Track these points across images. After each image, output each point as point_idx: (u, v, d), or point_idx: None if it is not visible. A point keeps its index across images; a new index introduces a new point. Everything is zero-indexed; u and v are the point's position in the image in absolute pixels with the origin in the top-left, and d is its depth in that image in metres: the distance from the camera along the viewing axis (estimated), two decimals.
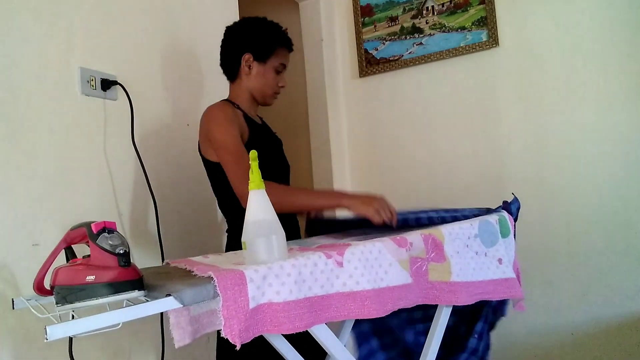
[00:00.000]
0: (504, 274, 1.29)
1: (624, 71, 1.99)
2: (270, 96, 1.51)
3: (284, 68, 1.50)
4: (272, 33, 1.48)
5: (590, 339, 2.05)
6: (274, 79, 1.48)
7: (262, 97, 1.50)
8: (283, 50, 1.48)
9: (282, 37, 1.49)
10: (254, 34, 1.47)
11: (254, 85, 1.48)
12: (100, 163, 1.41)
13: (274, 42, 1.47)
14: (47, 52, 1.29)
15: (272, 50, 1.46)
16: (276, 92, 1.51)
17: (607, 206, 2.02)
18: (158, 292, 0.79)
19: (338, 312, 0.96)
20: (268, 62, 1.47)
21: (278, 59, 1.47)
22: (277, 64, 1.48)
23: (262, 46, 1.46)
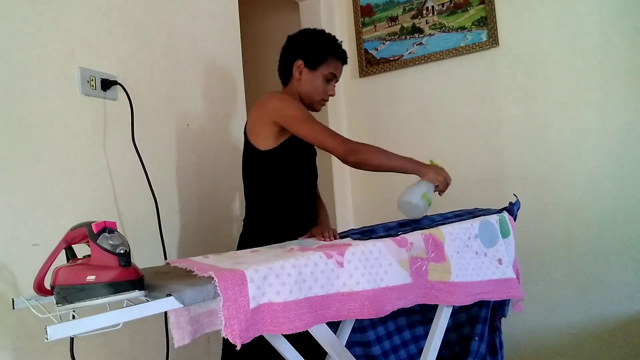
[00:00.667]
0: (504, 274, 1.29)
1: (624, 71, 1.99)
2: (318, 102, 1.56)
3: (334, 77, 1.55)
4: (325, 43, 1.54)
5: (590, 338, 2.05)
6: (323, 86, 1.54)
7: (310, 102, 1.55)
8: (334, 61, 1.54)
9: (334, 48, 1.54)
10: (308, 42, 1.54)
11: (303, 90, 1.54)
12: (100, 163, 1.40)
13: (326, 51, 1.52)
14: (47, 52, 1.29)
15: (323, 59, 1.52)
16: (324, 99, 1.56)
17: (607, 206, 2.02)
18: (158, 292, 0.79)
19: (338, 312, 0.96)
20: (318, 70, 1.52)
21: (328, 68, 1.53)
22: (326, 73, 1.53)
23: (313, 54, 1.52)
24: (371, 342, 1.53)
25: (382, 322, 1.57)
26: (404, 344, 1.59)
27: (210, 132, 1.83)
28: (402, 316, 1.60)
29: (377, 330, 1.55)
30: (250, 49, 2.93)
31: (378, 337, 1.55)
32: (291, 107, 1.42)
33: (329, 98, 1.58)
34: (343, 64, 1.58)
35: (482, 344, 1.49)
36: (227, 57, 1.97)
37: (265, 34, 3.16)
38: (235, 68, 2.00)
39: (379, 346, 1.53)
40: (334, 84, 1.57)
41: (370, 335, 1.53)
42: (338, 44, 1.56)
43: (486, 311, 1.50)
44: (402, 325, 1.60)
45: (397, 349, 1.57)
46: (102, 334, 0.76)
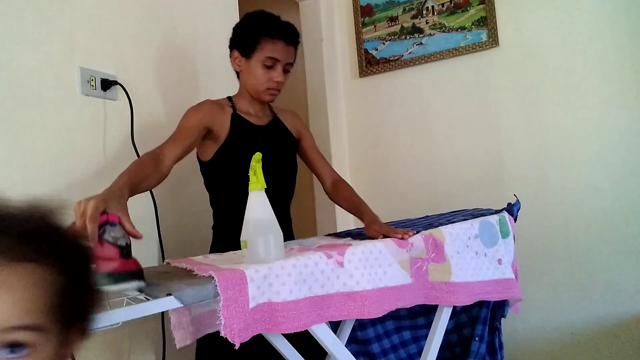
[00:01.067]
0: (504, 275, 1.29)
1: (624, 71, 1.99)
2: (263, 92, 1.40)
3: (275, 61, 1.35)
4: (254, 24, 1.36)
5: (590, 338, 2.05)
6: (265, 74, 1.37)
7: (256, 94, 1.42)
8: (269, 42, 1.34)
9: (266, 27, 1.34)
10: (239, 29, 1.40)
11: (247, 84, 1.42)
12: (100, 163, 1.40)
13: (257, 33, 1.34)
14: (47, 52, 1.29)
15: (256, 43, 1.35)
16: (269, 88, 1.39)
17: (608, 206, 2.02)
18: (159, 291, 0.79)
19: (338, 312, 0.96)
20: (253, 57, 1.36)
21: (264, 52, 1.34)
22: (263, 58, 1.35)
23: (245, 40, 1.37)
24: (370, 339, 1.52)
25: (380, 321, 1.57)
26: (403, 344, 1.59)
27: None
28: (407, 319, 1.60)
29: (376, 328, 1.55)
30: None
31: (377, 335, 1.54)
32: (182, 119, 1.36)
33: (277, 85, 1.39)
34: (289, 43, 1.37)
35: (482, 344, 1.49)
36: (227, 57, 1.96)
37: None
38: None
39: (377, 344, 1.53)
40: (281, 68, 1.37)
41: (369, 333, 1.53)
42: (272, 21, 1.37)
43: (486, 311, 1.50)
44: (403, 326, 1.60)
45: (397, 348, 1.57)
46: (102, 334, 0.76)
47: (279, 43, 1.35)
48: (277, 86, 1.40)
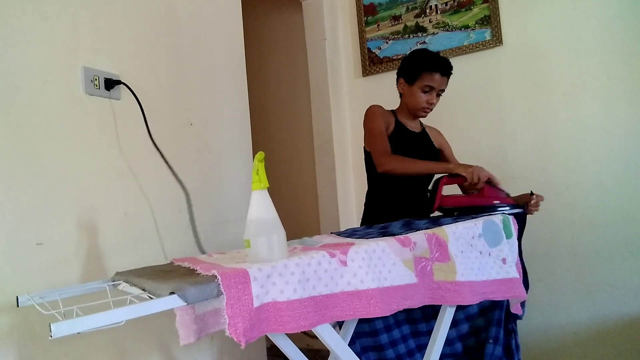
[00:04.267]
0: (508, 274, 1.28)
1: (628, 69, 1.98)
2: (420, 110, 1.80)
3: (430, 89, 1.75)
4: (418, 60, 1.76)
5: (594, 338, 2.04)
6: (422, 97, 1.77)
7: (414, 112, 1.82)
8: (428, 74, 1.73)
9: (427, 63, 1.73)
10: (406, 62, 1.81)
11: (407, 103, 1.82)
12: (103, 162, 1.41)
13: (419, 67, 1.74)
14: (51, 51, 1.29)
15: (418, 75, 1.75)
16: (425, 108, 1.79)
17: (612, 205, 2.01)
18: (162, 290, 0.79)
19: (343, 312, 0.95)
20: (415, 84, 1.77)
21: (423, 81, 1.74)
22: (422, 85, 1.75)
23: (409, 71, 1.78)
24: (384, 345, 1.53)
25: (397, 325, 1.57)
26: (419, 348, 1.59)
27: (213, 131, 1.83)
28: (423, 322, 1.59)
29: (391, 334, 1.55)
30: (254, 48, 2.93)
31: (392, 341, 1.54)
32: (368, 122, 1.79)
33: (430, 106, 1.79)
34: (443, 75, 1.74)
35: (497, 346, 1.48)
36: (230, 56, 1.97)
37: (268, 33, 3.17)
38: (238, 67, 2.00)
39: (392, 350, 1.53)
40: (435, 93, 1.77)
41: (383, 339, 1.53)
42: (432, 58, 1.74)
43: (499, 313, 1.49)
44: (420, 331, 1.60)
45: (413, 353, 1.57)
46: (106, 332, 0.77)
47: (435, 75, 1.74)
48: (431, 107, 1.80)
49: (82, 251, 1.31)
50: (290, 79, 3.06)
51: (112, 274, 1.13)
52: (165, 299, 0.76)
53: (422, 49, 1.96)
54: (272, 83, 3.16)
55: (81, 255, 1.31)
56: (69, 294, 0.98)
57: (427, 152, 1.86)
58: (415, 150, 1.80)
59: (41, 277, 1.20)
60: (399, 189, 1.79)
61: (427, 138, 1.91)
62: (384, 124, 1.78)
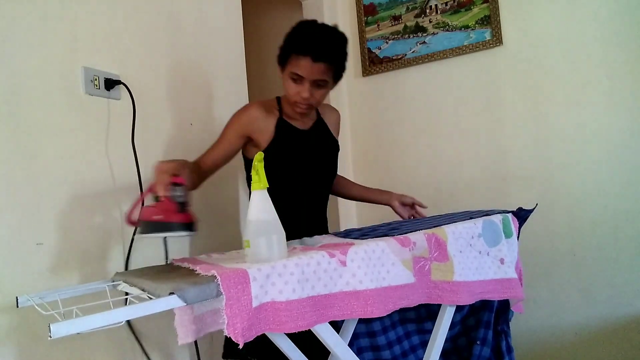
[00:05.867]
0: (506, 274, 1.29)
1: (628, 70, 1.98)
2: (293, 105, 1.42)
3: (298, 77, 1.35)
4: (289, 39, 1.37)
5: (595, 339, 2.04)
6: (292, 87, 1.38)
7: (289, 107, 1.45)
8: (295, 58, 1.33)
9: (295, 43, 1.34)
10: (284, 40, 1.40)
11: (284, 94, 1.45)
12: (103, 162, 1.41)
13: (288, 48, 1.36)
14: (51, 51, 1.29)
15: (287, 57, 1.37)
16: (296, 102, 1.40)
17: (612, 205, 2.01)
18: (161, 290, 0.79)
19: (341, 312, 0.96)
20: (285, 70, 1.39)
21: (290, 67, 1.36)
22: (289, 72, 1.36)
23: (281, 53, 1.40)
24: (381, 346, 1.53)
25: (392, 327, 1.57)
26: (413, 349, 1.59)
27: (213, 131, 1.83)
28: (414, 322, 1.60)
29: (387, 335, 1.55)
30: (253, 48, 2.93)
31: (389, 342, 1.54)
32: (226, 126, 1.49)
33: (304, 101, 1.38)
34: (317, 61, 1.32)
35: (484, 348, 1.48)
36: (230, 57, 1.97)
37: (268, 32, 3.17)
38: (238, 67, 2.00)
39: (389, 351, 1.53)
40: (308, 84, 1.35)
41: (381, 340, 1.53)
42: (305, 37, 1.34)
43: (489, 315, 1.49)
44: (411, 331, 1.60)
45: (407, 354, 1.57)
46: (105, 332, 0.77)
47: (304, 59, 1.32)
48: (306, 102, 1.39)
49: (82, 251, 1.32)
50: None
51: (111, 275, 1.13)
52: (164, 299, 0.76)
53: (303, 22, 1.40)
54: (272, 83, 3.16)
55: (81, 255, 1.31)
56: (69, 295, 0.98)
57: (318, 150, 1.54)
58: (303, 151, 1.50)
59: (41, 278, 1.20)
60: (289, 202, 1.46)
61: (321, 131, 1.58)
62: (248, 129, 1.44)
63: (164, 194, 1.06)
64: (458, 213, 1.62)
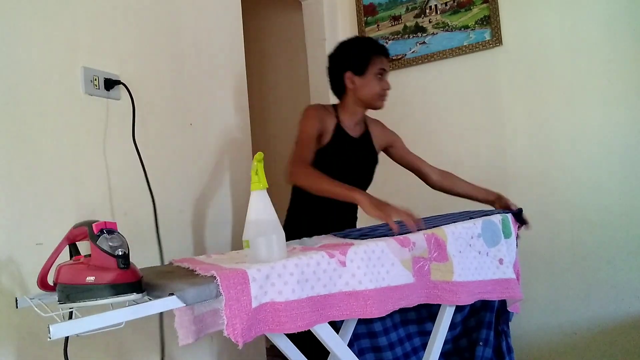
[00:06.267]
0: (504, 275, 1.29)
1: (628, 70, 1.98)
2: (377, 100, 1.66)
3: (383, 72, 1.64)
4: (363, 46, 1.64)
5: (594, 339, 2.04)
6: (378, 84, 1.64)
7: (371, 103, 1.66)
8: (378, 57, 1.63)
9: (372, 47, 1.64)
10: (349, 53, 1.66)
11: (362, 95, 1.65)
12: (103, 162, 1.41)
13: (367, 53, 1.63)
14: (51, 51, 1.29)
15: (368, 61, 1.62)
16: (381, 95, 1.65)
17: (611, 205, 2.01)
18: (161, 291, 0.79)
19: (340, 312, 0.96)
20: (367, 72, 1.63)
21: (375, 66, 1.62)
22: (376, 71, 1.62)
23: (358, 61, 1.63)
24: (382, 348, 1.53)
25: (394, 328, 1.57)
26: (415, 351, 1.59)
27: (213, 131, 1.83)
28: (415, 324, 1.60)
29: (389, 336, 1.55)
30: (253, 48, 2.93)
31: (390, 344, 1.55)
32: (300, 123, 1.60)
33: (386, 92, 1.66)
34: (387, 57, 1.66)
35: (486, 348, 1.48)
36: (230, 57, 1.97)
37: (268, 33, 3.17)
38: (238, 67, 2.00)
39: (390, 352, 1.54)
40: (387, 78, 1.66)
41: (382, 341, 1.53)
42: (374, 42, 1.66)
43: (490, 315, 1.50)
44: (412, 332, 1.60)
45: (409, 356, 1.57)
46: (104, 333, 0.77)
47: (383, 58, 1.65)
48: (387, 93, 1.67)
49: (81, 251, 1.31)
50: (290, 79, 3.06)
51: None
52: (164, 300, 0.76)
53: (352, 37, 1.74)
54: (272, 83, 3.16)
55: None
56: None
57: (365, 159, 1.75)
58: (353, 158, 1.69)
59: None
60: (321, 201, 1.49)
61: (367, 142, 1.76)
62: (319, 128, 1.61)
63: None
64: (457, 213, 1.62)
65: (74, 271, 0.80)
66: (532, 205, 2.15)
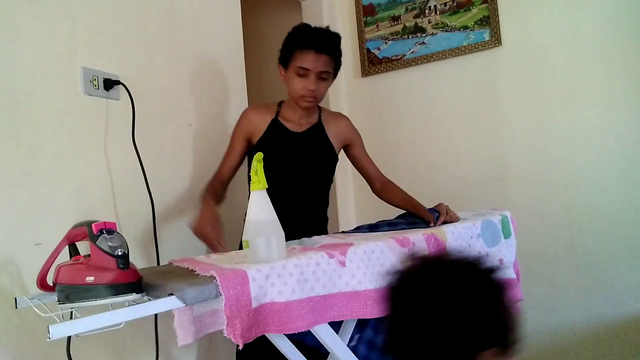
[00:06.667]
0: (504, 275, 1.29)
1: (627, 70, 1.98)
2: (299, 100, 1.49)
3: (305, 71, 1.44)
4: (290, 38, 1.48)
5: (593, 339, 2.04)
6: (298, 82, 1.46)
7: (295, 102, 1.53)
8: (300, 53, 1.44)
9: (298, 39, 1.45)
10: (282, 43, 1.50)
11: (288, 92, 1.53)
12: (103, 163, 1.41)
13: (291, 46, 1.46)
14: (50, 52, 1.29)
15: (290, 55, 1.46)
16: (303, 96, 1.47)
17: (610, 205, 2.01)
18: (160, 291, 0.79)
19: (340, 312, 0.96)
20: (290, 68, 1.48)
21: (296, 63, 1.44)
22: (295, 68, 1.45)
23: (283, 53, 1.49)
24: None
25: None
26: None
27: (212, 131, 1.83)
28: None
29: None
30: (252, 48, 2.93)
31: None
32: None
33: (310, 93, 1.46)
34: (319, 52, 1.43)
35: None
36: (229, 57, 1.97)
37: (267, 33, 3.16)
38: (237, 67, 2.00)
39: None
40: (314, 77, 1.44)
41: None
42: (305, 33, 1.46)
43: None
44: None
45: None
46: (103, 332, 0.77)
47: (309, 53, 1.43)
48: (312, 94, 1.47)
49: (81, 252, 1.31)
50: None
51: None
52: (164, 300, 0.76)
53: (299, 24, 1.54)
54: (271, 83, 3.15)
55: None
56: None
57: (310, 154, 1.58)
58: (290, 153, 1.54)
59: None
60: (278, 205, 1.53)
61: (316, 136, 1.60)
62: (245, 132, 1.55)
63: None
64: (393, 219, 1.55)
65: (74, 271, 0.80)
66: (531, 205, 2.15)
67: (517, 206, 2.12)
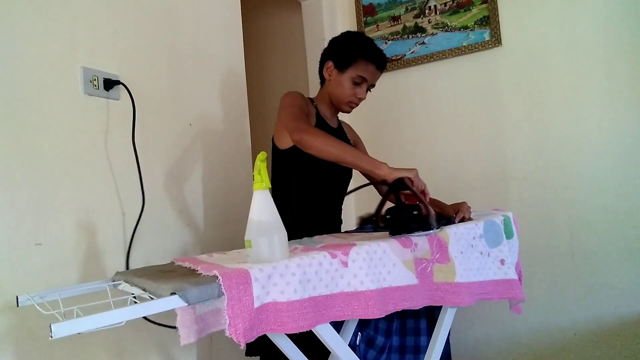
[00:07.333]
0: (506, 275, 1.28)
1: (627, 70, 1.99)
2: (345, 104, 1.57)
3: (363, 80, 1.53)
4: (356, 44, 1.53)
5: (593, 339, 2.04)
6: (351, 89, 1.53)
7: (338, 104, 1.59)
8: (364, 64, 1.51)
9: (365, 50, 1.51)
10: (340, 44, 1.56)
11: (332, 92, 1.58)
12: (103, 163, 1.40)
13: (356, 53, 1.51)
14: (50, 51, 1.29)
15: (352, 61, 1.51)
16: (351, 102, 1.56)
17: (611, 206, 2.02)
18: (163, 290, 0.79)
19: (342, 312, 0.95)
20: (346, 72, 1.53)
21: (357, 71, 1.51)
22: (354, 75, 1.52)
23: (343, 56, 1.53)
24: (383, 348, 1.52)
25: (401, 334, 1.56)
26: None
27: (212, 131, 1.83)
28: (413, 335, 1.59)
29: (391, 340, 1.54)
30: (253, 48, 2.93)
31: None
32: (285, 101, 1.47)
33: (358, 101, 1.57)
34: (378, 69, 1.54)
35: None
36: (230, 56, 1.97)
37: (267, 33, 3.16)
38: (237, 67, 2.00)
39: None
40: (366, 88, 1.55)
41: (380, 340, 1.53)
42: (371, 46, 1.53)
43: None
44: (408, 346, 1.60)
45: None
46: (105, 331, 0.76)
47: (372, 67, 1.52)
48: (358, 102, 1.58)
49: (81, 251, 1.31)
50: (290, 79, 3.06)
51: (111, 275, 1.13)
52: (166, 300, 0.75)
53: (360, 32, 1.66)
54: (271, 83, 3.15)
55: (80, 255, 1.31)
56: (69, 294, 0.97)
57: None
58: None
59: (40, 278, 1.20)
60: (311, 198, 1.54)
61: (344, 135, 1.71)
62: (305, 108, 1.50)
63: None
64: None
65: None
66: (530, 205, 2.15)
67: (517, 206, 2.12)
